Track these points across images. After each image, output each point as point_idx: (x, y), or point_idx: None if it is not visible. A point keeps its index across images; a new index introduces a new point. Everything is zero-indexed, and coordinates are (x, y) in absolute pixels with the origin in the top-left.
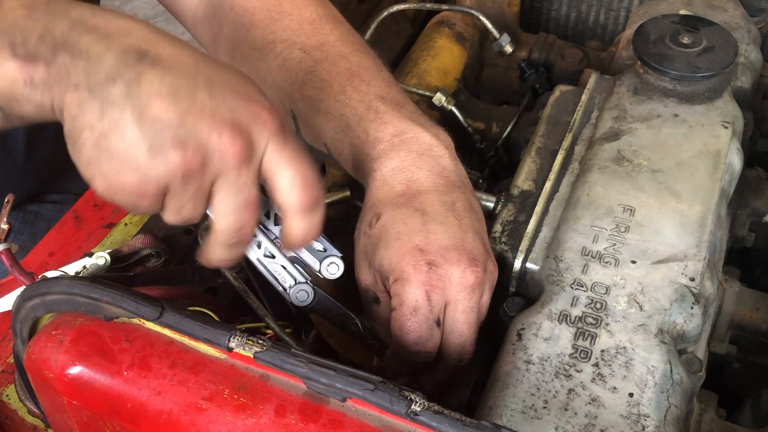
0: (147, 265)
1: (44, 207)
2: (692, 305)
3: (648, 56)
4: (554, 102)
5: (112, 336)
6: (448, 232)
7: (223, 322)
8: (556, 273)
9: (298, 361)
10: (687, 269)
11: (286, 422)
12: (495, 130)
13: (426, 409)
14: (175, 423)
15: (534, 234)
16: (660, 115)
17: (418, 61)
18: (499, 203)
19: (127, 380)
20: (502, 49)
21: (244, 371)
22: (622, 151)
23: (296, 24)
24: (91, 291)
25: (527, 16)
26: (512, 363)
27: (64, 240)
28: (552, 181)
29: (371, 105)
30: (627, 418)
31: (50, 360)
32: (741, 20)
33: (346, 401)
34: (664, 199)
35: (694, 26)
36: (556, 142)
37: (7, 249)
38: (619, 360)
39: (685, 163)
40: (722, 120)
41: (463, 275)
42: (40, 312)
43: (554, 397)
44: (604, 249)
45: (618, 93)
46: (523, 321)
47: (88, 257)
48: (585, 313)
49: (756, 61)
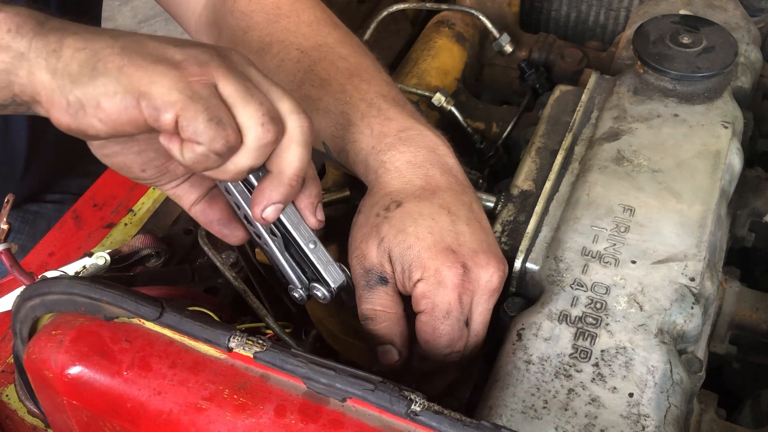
0: (147, 265)
1: (44, 207)
2: (692, 305)
3: (648, 56)
4: (554, 102)
5: (112, 336)
6: (474, 235)
7: (223, 322)
8: (556, 273)
9: (298, 361)
10: (687, 269)
11: (286, 422)
12: (495, 130)
13: (426, 409)
14: (175, 423)
15: (534, 234)
16: (660, 115)
17: (417, 61)
18: (499, 203)
19: (127, 380)
20: (502, 49)
21: (244, 371)
22: (622, 151)
23: (294, 26)
24: (91, 291)
25: (527, 16)
26: (512, 363)
27: (64, 240)
28: (552, 181)
29: (373, 102)
30: (627, 418)
31: (50, 360)
32: (741, 20)
33: (346, 401)
34: (664, 199)
35: (694, 26)
36: (556, 142)
37: (7, 249)
38: (619, 360)
39: (685, 163)
40: (722, 120)
41: (490, 279)
42: (40, 312)
43: (554, 397)
44: (604, 249)
45: (618, 93)
46: (523, 321)
47: (88, 257)
48: (585, 313)
49: (756, 61)
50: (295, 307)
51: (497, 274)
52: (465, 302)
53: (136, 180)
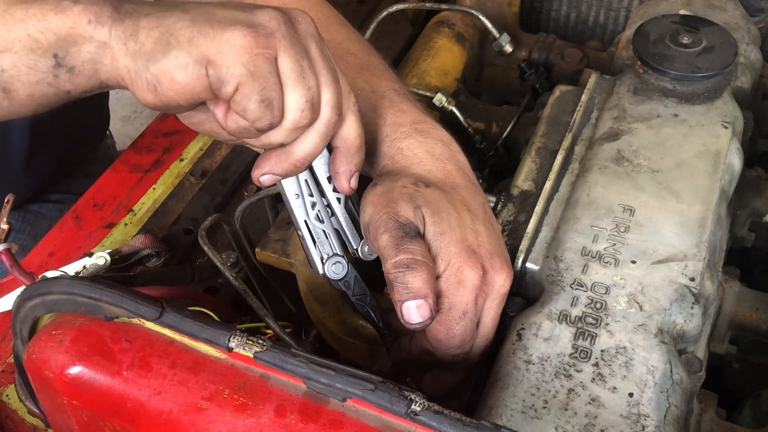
0: (147, 265)
1: (45, 206)
2: (692, 305)
3: (648, 56)
4: (554, 102)
5: (112, 336)
6: (490, 237)
7: (223, 322)
8: (556, 273)
9: (298, 361)
10: (687, 269)
11: (286, 422)
12: (495, 130)
13: (426, 409)
14: (175, 423)
15: (534, 234)
16: (660, 115)
17: (418, 61)
18: (499, 203)
19: (127, 380)
20: (502, 49)
21: (244, 371)
22: (622, 151)
23: None
24: (91, 291)
25: (527, 16)
26: (512, 363)
27: (64, 240)
28: (552, 181)
29: (385, 95)
30: (627, 418)
31: (50, 360)
32: (741, 20)
33: (346, 401)
34: (664, 199)
35: (694, 26)
36: (556, 142)
37: (7, 249)
38: (619, 360)
39: (685, 163)
40: (722, 120)
41: (503, 284)
42: (40, 312)
43: (554, 397)
44: (604, 249)
45: (618, 93)
46: (523, 321)
47: (88, 257)
48: (585, 313)
49: (756, 61)
50: (296, 306)
51: (509, 279)
52: (479, 304)
53: (229, 141)
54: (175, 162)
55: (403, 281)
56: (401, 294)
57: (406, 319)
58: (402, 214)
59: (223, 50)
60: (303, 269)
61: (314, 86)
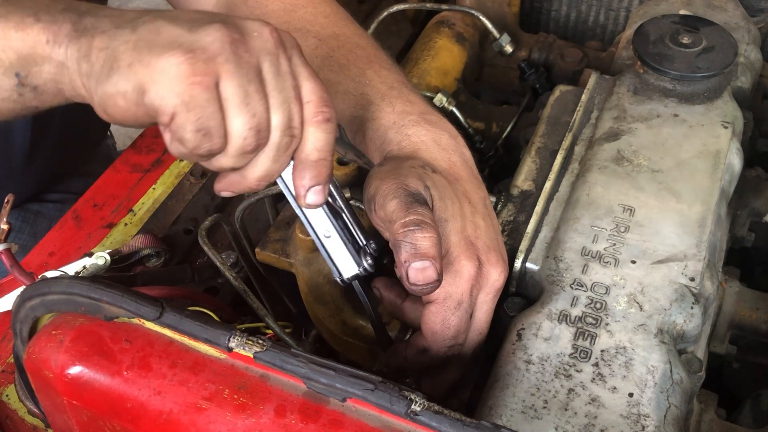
0: (147, 265)
1: (45, 206)
2: (692, 305)
3: (648, 56)
4: (554, 102)
5: (112, 336)
6: (488, 231)
7: (223, 322)
8: (556, 273)
9: (298, 361)
10: (687, 269)
11: (286, 422)
12: (495, 130)
13: (426, 409)
14: (175, 423)
15: (534, 234)
16: (660, 115)
17: (418, 61)
18: (499, 203)
19: (127, 380)
20: (502, 49)
21: (244, 371)
22: (622, 151)
23: (311, 16)
24: (91, 291)
25: (527, 16)
26: (512, 363)
27: (64, 240)
28: (552, 181)
29: (393, 86)
30: (627, 418)
31: (50, 360)
32: (741, 20)
33: (346, 401)
34: (664, 199)
35: (694, 26)
36: (556, 142)
37: (7, 249)
38: (619, 360)
39: (684, 163)
40: (722, 120)
41: (498, 278)
42: (40, 312)
43: (554, 397)
44: (604, 249)
45: (618, 93)
46: (523, 321)
47: (88, 257)
48: (585, 313)
49: (756, 61)
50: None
51: (503, 274)
52: (474, 296)
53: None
54: (175, 162)
55: (412, 239)
56: (408, 254)
57: (412, 281)
58: (411, 185)
59: (157, 79)
60: (303, 269)
61: (261, 111)
